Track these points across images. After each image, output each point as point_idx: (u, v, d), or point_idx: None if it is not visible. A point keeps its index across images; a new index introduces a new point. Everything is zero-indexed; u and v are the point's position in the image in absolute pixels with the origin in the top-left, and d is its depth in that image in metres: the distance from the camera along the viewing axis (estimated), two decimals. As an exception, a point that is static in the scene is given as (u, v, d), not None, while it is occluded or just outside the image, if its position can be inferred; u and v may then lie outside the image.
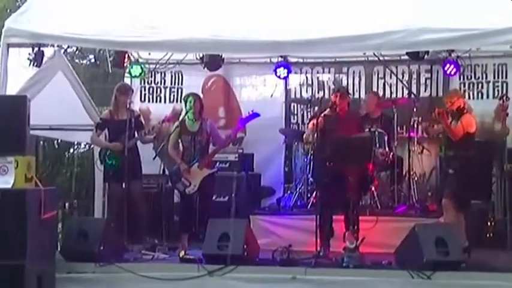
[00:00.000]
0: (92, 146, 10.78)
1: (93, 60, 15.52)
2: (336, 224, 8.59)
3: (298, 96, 12.10)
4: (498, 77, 11.13)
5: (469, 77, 11.22)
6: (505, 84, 11.06)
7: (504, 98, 8.38)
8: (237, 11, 8.07)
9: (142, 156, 9.45)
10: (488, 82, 11.19)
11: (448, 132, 8.54)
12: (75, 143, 14.44)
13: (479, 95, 11.21)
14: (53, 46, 9.03)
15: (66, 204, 12.98)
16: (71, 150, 15.67)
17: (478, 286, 7.10)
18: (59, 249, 7.99)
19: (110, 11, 8.40)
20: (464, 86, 11.15)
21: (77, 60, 15.13)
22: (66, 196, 13.09)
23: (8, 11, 14.01)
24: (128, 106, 9.20)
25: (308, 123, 9.12)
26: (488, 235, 9.82)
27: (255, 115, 9.10)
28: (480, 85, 11.21)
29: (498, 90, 11.00)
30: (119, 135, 9.10)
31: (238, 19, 7.99)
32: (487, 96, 11.16)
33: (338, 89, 9.47)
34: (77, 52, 14.88)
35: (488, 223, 9.92)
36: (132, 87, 10.30)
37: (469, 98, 10.95)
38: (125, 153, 8.88)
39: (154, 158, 9.11)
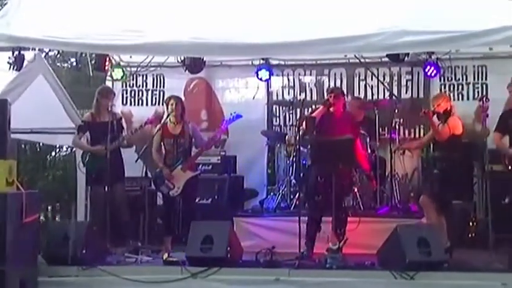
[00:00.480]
0: (74, 149, 10.74)
1: (74, 64, 15.44)
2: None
3: (280, 98, 12.12)
4: (478, 79, 11.23)
5: (450, 79, 11.31)
6: (484, 86, 11.18)
7: (484, 99, 8.41)
8: (218, 14, 8.06)
9: (125, 159, 9.44)
10: (468, 84, 11.28)
11: (434, 132, 8.61)
12: (57, 146, 14.42)
13: (460, 96, 11.31)
14: (34, 49, 9.00)
15: (49, 208, 12.94)
16: (53, 154, 15.64)
17: (460, 286, 7.14)
18: (41, 253, 7.93)
19: (91, 14, 8.36)
20: (444, 87, 11.23)
21: (58, 64, 15.10)
22: (49, 199, 13.05)
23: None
24: (109, 109, 9.20)
25: (299, 123, 9.08)
26: (470, 235, 9.89)
27: (237, 117, 9.13)
28: (460, 87, 11.30)
29: (478, 92, 11.11)
30: (100, 137, 9.09)
31: (219, 22, 7.98)
32: (467, 98, 11.26)
33: (332, 89, 9.47)
34: (58, 55, 14.85)
35: (470, 223, 10.00)
36: (113, 90, 10.30)
37: (450, 99, 11.02)
38: (107, 156, 8.86)
39: (136, 161, 9.11)
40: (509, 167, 8.63)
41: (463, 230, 9.86)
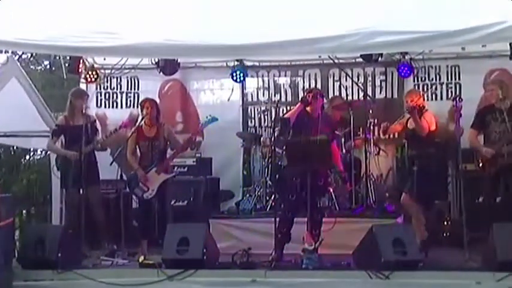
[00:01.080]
0: (49, 152, 10.68)
1: (48, 66, 15.36)
2: (295, 226, 8.58)
3: (255, 99, 12.12)
4: (451, 79, 11.32)
5: (423, 79, 11.39)
6: (458, 86, 11.27)
7: (457, 99, 8.47)
8: (192, 15, 8.04)
9: (100, 162, 9.41)
10: (441, 84, 11.37)
11: (418, 127, 8.63)
12: (31, 149, 14.33)
13: (434, 96, 11.39)
14: (6, 52, 8.94)
15: (24, 212, 12.86)
16: (27, 157, 15.54)
17: (435, 285, 7.20)
18: (16, 257, 7.89)
19: (64, 16, 8.30)
20: (418, 87, 11.28)
21: (31, 67, 14.98)
22: (24, 203, 12.97)
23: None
24: (83, 111, 9.16)
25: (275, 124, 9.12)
26: (444, 234, 9.95)
27: (213, 120, 9.14)
28: (434, 87, 11.38)
29: (452, 92, 11.20)
30: (75, 141, 9.04)
31: (193, 23, 7.96)
32: (441, 98, 11.35)
33: (312, 89, 9.47)
34: (31, 58, 14.75)
35: (445, 223, 10.06)
36: (87, 92, 10.25)
37: (424, 99, 11.09)
38: (81, 159, 8.82)
39: (111, 164, 9.06)
40: (481, 165, 8.71)
41: (437, 230, 9.92)
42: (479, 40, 7.59)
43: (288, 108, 10.94)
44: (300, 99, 9.00)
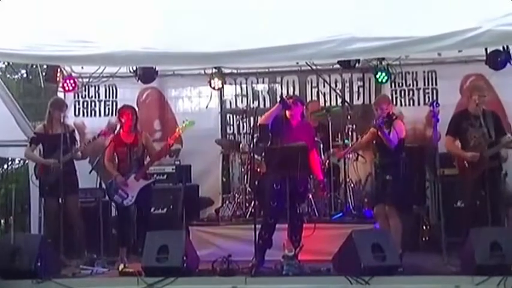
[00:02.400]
0: (27, 161, 10.64)
1: (25, 75, 15.27)
2: (275, 232, 8.59)
3: (233, 106, 12.14)
4: (428, 84, 11.40)
5: (400, 84, 11.45)
6: (435, 91, 11.35)
7: (434, 104, 8.52)
8: (169, 23, 8.05)
9: (79, 170, 9.38)
10: (418, 89, 11.44)
11: (386, 142, 8.62)
12: (9, 158, 14.23)
13: (411, 102, 11.47)
14: (-18, 62, 8.91)
15: (2, 221, 12.77)
16: (5, 166, 15.43)
17: (414, 289, 7.25)
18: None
19: (40, 25, 8.29)
20: (395, 93, 11.37)
21: (8, 75, 14.90)
22: (2, 213, 12.88)
23: None
24: (62, 121, 9.14)
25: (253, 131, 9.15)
26: (423, 239, 10.01)
27: (190, 124, 9.15)
28: (411, 92, 11.45)
29: (429, 97, 11.28)
30: (53, 149, 9.03)
31: (170, 31, 7.98)
32: (418, 103, 11.42)
33: (292, 96, 9.50)
34: (8, 67, 14.65)
35: (424, 227, 10.12)
36: (66, 101, 10.21)
37: (401, 105, 11.22)
38: (60, 168, 8.80)
39: (90, 172, 9.03)
40: (462, 170, 8.74)
41: (416, 234, 9.98)
42: (454, 46, 7.63)
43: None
44: (278, 100, 9.00)
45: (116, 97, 12.12)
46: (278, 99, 9.44)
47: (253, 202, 9.90)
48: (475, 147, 8.58)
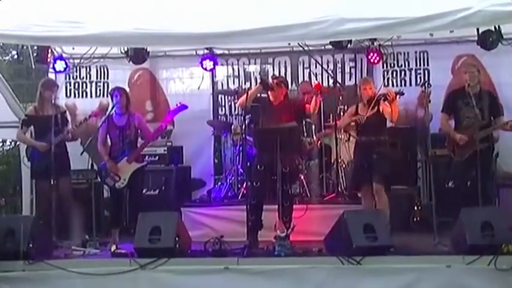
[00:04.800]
0: (18, 143, 10.61)
1: (15, 56, 15.19)
2: (267, 213, 8.62)
3: (225, 87, 12.13)
4: (420, 65, 11.42)
5: (392, 65, 11.47)
6: (426, 72, 11.37)
7: (426, 85, 8.53)
8: (160, 4, 8.02)
9: (70, 152, 9.36)
10: (410, 70, 11.46)
11: (393, 114, 8.69)
12: (1, 140, 14.20)
13: (402, 82, 11.47)
14: (-28, 43, 8.86)
15: (-6, 203, 12.78)
16: (-4, 148, 15.41)
17: (406, 269, 7.24)
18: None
19: (31, 5, 8.25)
20: (387, 73, 11.38)
21: (-1, 57, 14.87)
22: (-7, 195, 12.88)
23: None
24: (53, 102, 9.11)
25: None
26: (414, 219, 10.05)
27: (182, 107, 9.11)
28: (403, 73, 11.46)
29: (420, 78, 11.29)
30: (44, 131, 8.99)
31: (161, 11, 7.95)
32: (410, 84, 11.44)
33: (277, 76, 9.50)
34: (-2, 48, 14.62)
35: (415, 208, 10.15)
36: (57, 82, 10.17)
37: (393, 85, 11.20)
38: (51, 150, 8.77)
39: (81, 153, 9.02)
40: (452, 150, 8.77)
41: (407, 215, 10.02)
42: (446, 26, 7.61)
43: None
44: (259, 82, 9.02)
45: (107, 78, 12.09)
46: (258, 80, 9.45)
47: (245, 183, 9.91)
48: (466, 128, 8.61)
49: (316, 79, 11.69)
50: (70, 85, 12.08)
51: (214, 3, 7.92)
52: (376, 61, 11.01)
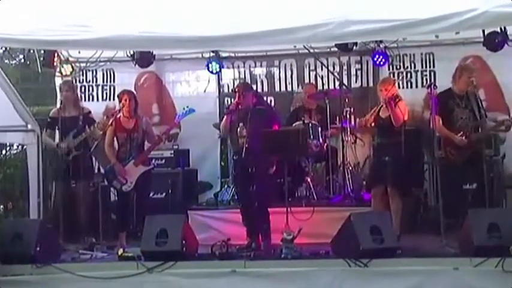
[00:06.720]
0: (25, 146, 10.63)
1: (22, 60, 15.27)
2: (273, 216, 8.63)
3: (231, 90, 12.09)
4: (426, 66, 11.40)
5: (398, 67, 11.45)
6: (432, 73, 11.35)
7: (432, 86, 8.52)
8: (166, 7, 8.03)
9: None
10: (416, 71, 11.44)
11: (394, 117, 8.68)
12: (7, 144, 14.22)
13: (408, 84, 11.46)
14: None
15: (1, 207, 12.78)
16: (4, 152, 15.42)
17: (413, 272, 7.26)
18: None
19: (38, 9, 8.26)
20: (393, 75, 11.35)
21: (5, 61, 14.87)
22: (1, 198, 12.88)
23: None
24: (76, 102, 9.24)
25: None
26: (421, 221, 10.03)
27: (190, 111, 9.12)
28: (409, 74, 11.45)
29: (426, 79, 11.27)
30: (69, 132, 9.08)
31: (167, 15, 7.95)
32: (416, 85, 11.43)
33: (238, 84, 9.56)
34: (5, 52, 14.64)
35: (422, 209, 10.14)
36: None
37: (399, 87, 11.10)
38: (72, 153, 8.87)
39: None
40: (450, 153, 8.75)
41: (415, 217, 10.00)
42: (452, 27, 7.61)
43: (265, 98, 11.05)
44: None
45: (114, 81, 12.11)
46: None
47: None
48: (461, 128, 8.61)
49: (322, 81, 11.69)
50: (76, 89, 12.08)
51: (219, 7, 7.92)
52: (382, 63, 10.98)
